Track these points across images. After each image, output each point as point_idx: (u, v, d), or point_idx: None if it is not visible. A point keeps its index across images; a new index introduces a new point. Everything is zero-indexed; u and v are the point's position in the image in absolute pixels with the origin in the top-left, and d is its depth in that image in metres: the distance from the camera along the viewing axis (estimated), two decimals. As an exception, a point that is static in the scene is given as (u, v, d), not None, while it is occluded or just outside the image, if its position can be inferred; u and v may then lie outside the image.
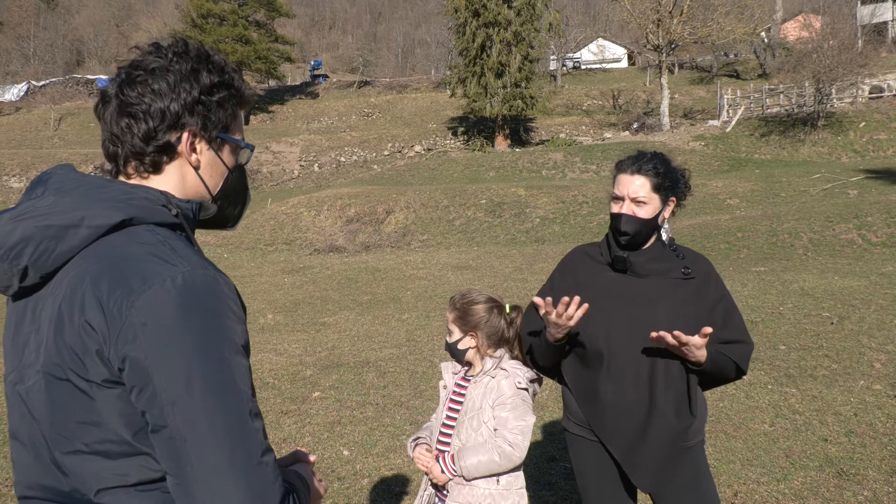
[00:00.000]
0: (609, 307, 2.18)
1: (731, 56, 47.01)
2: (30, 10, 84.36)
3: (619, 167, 2.27)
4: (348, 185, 25.69)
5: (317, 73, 56.45)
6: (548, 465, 4.13)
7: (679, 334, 1.98)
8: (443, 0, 37.17)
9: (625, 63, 56.40)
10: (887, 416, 4.71)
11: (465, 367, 2.45)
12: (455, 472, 2.27)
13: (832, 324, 7.05)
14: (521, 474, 2.33)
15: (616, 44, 58.73)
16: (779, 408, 4.97)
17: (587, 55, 55.70)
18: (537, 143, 33.82)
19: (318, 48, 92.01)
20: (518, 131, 35.38)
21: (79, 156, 31.45)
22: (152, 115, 1.13)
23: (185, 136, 1.16)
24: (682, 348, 2.03)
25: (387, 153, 34.26)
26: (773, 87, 31.70)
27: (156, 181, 1.17)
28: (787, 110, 29.04)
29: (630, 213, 2.19)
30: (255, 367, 6.45)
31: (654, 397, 2.15)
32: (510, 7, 31.82)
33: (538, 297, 2.16)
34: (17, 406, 1.12)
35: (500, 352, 2.37)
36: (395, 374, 6.24)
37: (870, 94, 29.43)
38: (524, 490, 2.33)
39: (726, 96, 31.83)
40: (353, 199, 20.25)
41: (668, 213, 2.27)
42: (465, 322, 2.36)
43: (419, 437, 2.45)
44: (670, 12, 30.32)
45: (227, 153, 1.24)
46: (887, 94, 29.24)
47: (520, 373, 2.32)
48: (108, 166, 1.20)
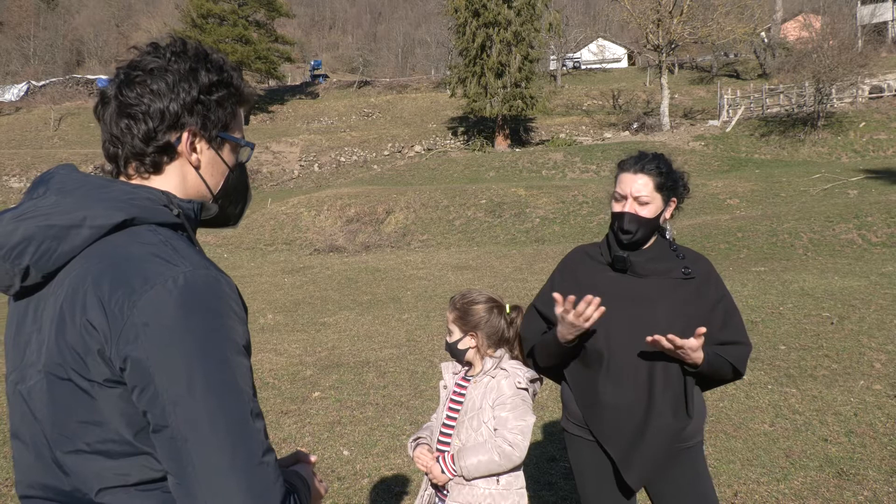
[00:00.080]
0: (609, 307, 2.18)
1: (731, 56, 47.00)
2: (30, 10, 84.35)
3: (622, 166, 2.27)
4: (348, 185, 25.69)
5: (317, 73, 56.46)
6: (548, 465, 4.13)
7: (674, 338, 1.99)
8: (443, 0, 37.17)
9: (625, 63, 56.39)
10: (887, 416, 4.71)
11: (466, 367, 2.45)
12: (455, 472, 2.27)
13: (832, 324, 7.05)
14: (521, 474, 2.33)
15: (616, 44, 58.71)
16: (779, 408, 4.97)
17: (587, 55, 55.69)
18: (537, 143, 33.82)
19: (318, 48, 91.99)
20: (518, 131, 35.38)
21: (79, 156, 31.43)
22: (152, 116, 1.13)
23: (185, 135, 1.16)
24: (678, 351, 2.03)
25: (387, 153, 34.27)
26: (773, 87, 31.70)
27: (157, 181, 1.17)
28: (787, 110, 29.03)
29: (633, 211, 2.20)
30: (255, 367, 6.45)
31: (653, 397, 2.15)
32: (510, 7, 31.82)
33: (557, 293, 2.12)
34: (19, 406, 1.12)
35: (500, 352, 2.38)
36: (395, 374, 6.24)
37: (870, 94, 29.43)
38: (524, 490, 2.33)
39: (726, 96, 31.83)
40: (353, 199, 20.25)
41: (669, 213, 2.28)
42: (466, 322, 2.37)
43: (419, 437, 2.45)
44: (670, 12, 30.32)
45: (227, 152, 1.24)
46: (887, 94, 29.24)
47: (520, 373, 2.32)
48: (108, 167, 1.20)
